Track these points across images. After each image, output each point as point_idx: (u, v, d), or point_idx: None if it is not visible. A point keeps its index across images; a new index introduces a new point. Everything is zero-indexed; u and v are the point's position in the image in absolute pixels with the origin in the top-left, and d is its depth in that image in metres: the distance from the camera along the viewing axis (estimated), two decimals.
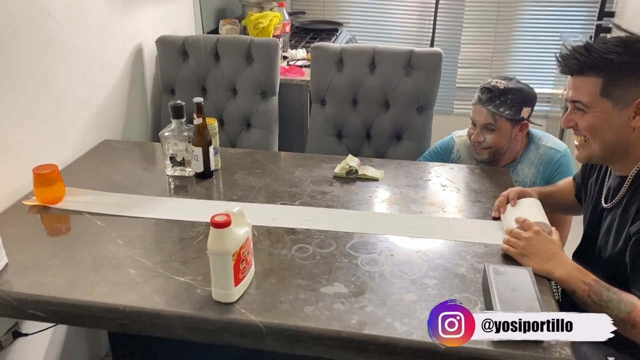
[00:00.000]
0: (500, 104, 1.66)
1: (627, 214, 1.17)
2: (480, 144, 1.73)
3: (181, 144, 1.62)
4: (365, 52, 2.16)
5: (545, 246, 1.19)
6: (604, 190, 1.29)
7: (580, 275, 1.12)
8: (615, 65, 1.11)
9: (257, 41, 2.24)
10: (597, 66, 1.13)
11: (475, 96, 1.73)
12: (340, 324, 1.04)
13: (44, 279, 1.17)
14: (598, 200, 1.31)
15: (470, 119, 1.76)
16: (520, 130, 1.72)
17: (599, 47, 1.13)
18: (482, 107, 1.69)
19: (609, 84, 1.12)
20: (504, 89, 1.67)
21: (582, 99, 1.16)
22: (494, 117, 1.68)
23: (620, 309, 1.07)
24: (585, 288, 1.10)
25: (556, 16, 3.45)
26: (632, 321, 1.05)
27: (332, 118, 2.20)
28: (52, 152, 1.68)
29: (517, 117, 1.68)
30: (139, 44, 2.18)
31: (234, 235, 1.05)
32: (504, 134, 1.70)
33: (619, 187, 1.22)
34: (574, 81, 1.18)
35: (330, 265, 1.22)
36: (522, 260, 1.20)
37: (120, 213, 1.44)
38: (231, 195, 1.55)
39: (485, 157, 1.76)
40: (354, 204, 1.52)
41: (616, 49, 1.11)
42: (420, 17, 3.59)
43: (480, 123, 1.71)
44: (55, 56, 1.67)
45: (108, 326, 1.13)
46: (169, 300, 1.11)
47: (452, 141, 1.91)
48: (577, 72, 1.17)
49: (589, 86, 1.14)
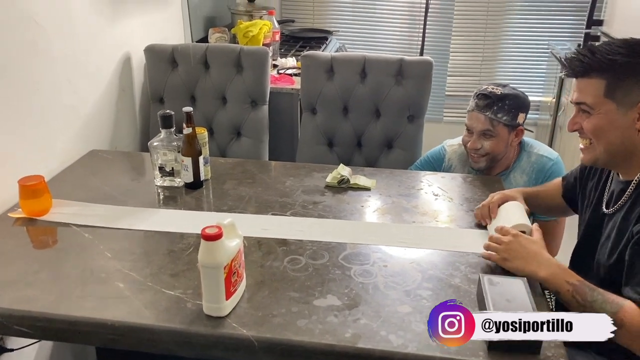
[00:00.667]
0: (498, 109, 1.67)
1: (629, 218, 1.17)
2: (477, 151, 1.72)
3: (170, 154, 1.60)
4: (355, 61, 2.15)
5: (526, 247, 1.19)
6: (605, 195, 1.28)
7: (565, 275, 1.12)
8: (618, 66, 1.11)
9: (247, 50, 2.22)
10: (601, 67, 1.13)
11: (471, 103, 1.73)
12: (334, 337, 1.02)
13: (29, 294, 1.14)
14: (598, 206, 1.30)
15: (465, 127, 1.76)
16: (516, 137, 1.73)
17: (602, 48, 1.14)
18: (480, 113, 1.69)
19: (613, 85, 1.12)
20: (501, 94, 1.67)
21: (587, 100, 1.16)
22: (492, 124, 1.68)
23: (605, 310, 1.05)
24: (570, 288, 1.10)
25: (544, 24, 3.48)
26: (619, 322, 1.03)
27: (323, 127, 2.19)
28: (39, 162, 1.65)
29: (513, 123, 1.69)
30: (127, 53, 2.15)
31: (225, 247, 1.03)
32: (502, 140, 1.70)
33: (622, 192, 1.21)
34: (578, 83, 1.18)
35: (323, 277, 1.21)
36: (505, 265, 1.20)
37: (109, 225, 1.41)
38: (221, 205, 1.53)
39: (482, 165, 1.75)
40: (346, 213, 1.50)
41: (619, 50, 1.12)
42: (409, 26, 3.61)
43: (477, 130, 1.71)
44: (42, 64, 1.65)
45: (96, 342, 1.11)
46: (158, 314, 1.08)
47: (443, 150, 1.91)
48: (581, 74, 1.17)
49: (593, 87, 1.15)
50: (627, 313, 1.05)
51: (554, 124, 3.12)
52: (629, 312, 1.05)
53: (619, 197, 1.21)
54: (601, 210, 1.28)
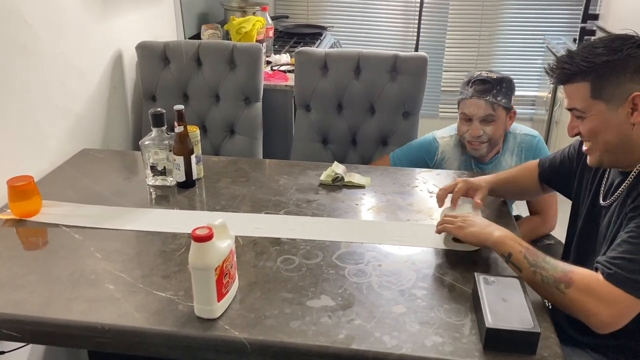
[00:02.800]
0: (497, 92, 1.69)
1: (624, 208, 1.16)
2: (479, 138, 1.72)
3: (162, 153, 1.58)
4: (350, 57, 2.13)
5: (480, 219, 1.24)
6: (602, 187, 1.27)
7: (517, 239, 1.15)
8: (599, 67, 1.11)
9: (240, 46, 2.20)
10: (582, 71, 1.13)
11: (467, 90, 1.73)
12: (328, 339, 1.01)
13: (18, 297, 1.12)
14: (595, 198, 1.29)
15: (460, 117, 1.76)
16: (510, 119, 1.75)
17: (581, 52, 1.14)
18: (479, 99, 1.69)
19: (597, 86, 1.12)
20: (498, 78, 1.70)
21: (577, 105, 1.16)
22: (493, 107, 1.69)
23: (556, 269, 1.07)
24: (522, 250, 1.12)
25: (540, 19, 3.47)
26: (567, 280, 1.05)
27: (317, 124, 2.17)
28: (28, 162, 1.63)
29: (510, 105, 1.72)
30: (118, 50, 2.13)
31: (216, 248, 1.02)
32: (501, 124, 1.72)
33: (620, 184, 1.20)
34: (566, 90, 1.19)
35: (317, 277, 1.19)
36: (460, 233, 1.22)
37: (99, 225, 1.39)
38: (214, 204, 1.51)
39: (484, 152, 1.76)
40: (340, 212, 1.49)
41: (597, 51, 1.12)
42: (404, 21, 3.59)
43: (478, 116, 1.70)
44: (31, 63, 1.62)
45: (86, 345, 1.09)
46: (149, 317, 1.07)
47: (435, 142, 1.89)
48: (565, 80, 1.17)
49: (579, 92, 1.14)
50: (577, 273, 1.06)
51: (550, 119, 3.11)
52: (579, 272, 1.06)
53: (616, 189, 1.21)
54: (598, 202, 1.27)
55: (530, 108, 3.64)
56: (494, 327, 0.97)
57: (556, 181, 1.46)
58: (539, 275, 1.08)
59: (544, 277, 1.07)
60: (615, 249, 1.08)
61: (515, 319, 0.99)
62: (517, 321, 0.98)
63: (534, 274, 1.08)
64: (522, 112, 3.62)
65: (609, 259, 1.07)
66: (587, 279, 1.05)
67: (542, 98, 3.38)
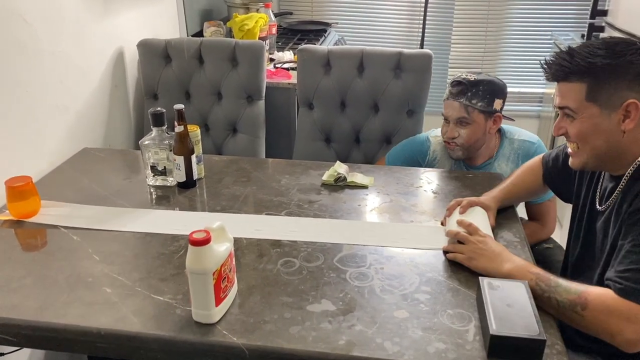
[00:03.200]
0: (472, 95, 1.64)
1: (620, 213, 1.14)
2: (454, 140, 1.69)
3: (162, 153, 1.56)
4: (353, 54, 2.10)
5: (492, 247, 1.20)
6: (598, 191, 1.25)
7: (527, 267, 1.13)
8: (599, 69, 1.08)
9: (242, 44, 2.17)
10: (581, 71, 1.10)
11: (445, 92, 1.70)
12: (328, 345, 0.98)
13: (14, 301, 1.10)
14: (592, 202, 1.27)
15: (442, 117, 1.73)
16: (494, 124, 1.70)
17: (581, 51, 1.10)
18: (454, 100, 1.66)
19: (594, 88, 1.09)
20: (475, 80, 1.65)
21: (569, 105, 1.13)
22: (467, 110, 1.65)
23: (569, 292, 1.05)
24: (533, 277, 1.09)
25: (548, 15, 3.41)
26: (583, 302, 1.02)
27: (320, 122, 2.15)
28: (27, 162, 1.61)
29: (489, 109, 1.66)
30: (119, 48, 2.11)
31: (214, 252, 0.99)
32: (479, 128, 1.67)
33: (613, 189, 1.18)
34: (560, 87, 1.16)
35: (318, 280, 1.17)
36: (470, 264, 1.19)
37: (98, 227, 1.37)
38: (215, 205, 1.49)
39: (460, 154, 1.72)
40: (343, 213, 1.46)
41: (598, 52, 1.08)
42: (409, 17, 3.55)
43: (453, 118, 1.67)
44: (30, 62, 1.60)
45: (82, 350, 1.07)
46: (146, 321, 1.05)
47: (427, 141, 1.86)
48: (561, 78, 1.14)
49: (574, 92, 1.11)
50: (591, 293, 1.03)
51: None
52: (593, 292, 1.04)
53: (611, 194, 1.18)
54: (595, 207, 1.25)
55: (538, 105, 3.59)
56: (498, 334, 0.94)
57: (558, 183, 1.44)
58: (554, 300, 1.05)
59: (559, 301, 1.04)
60: (623, 262, 1.06)
61: (521, 326, 0.96)
62: (522, 328, 0.95)
63: (549, 300, 1.06)
64: (529, 110, 3.59)
65: (617, 273, 1.05)
66: (602, 297, 1.02)
67: (549, 95, 3.33)
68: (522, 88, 3.58)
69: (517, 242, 1.32)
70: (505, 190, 1.47)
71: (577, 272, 1.30)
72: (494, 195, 1.43)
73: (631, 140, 1.11)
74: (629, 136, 1.10)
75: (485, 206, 1.38)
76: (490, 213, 1.37)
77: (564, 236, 1.42)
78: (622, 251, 1.08)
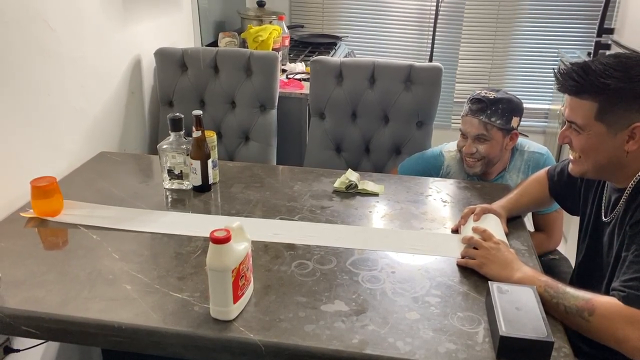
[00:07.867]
0: (492, 113, 1.67)
1: (623, 224, 1.16)
2: (472, 156, 1.73)
3: (179, 157, 1.60)
4: (365, 66, 2.15)
5: (504, 254, 1.22)
6: (603, 202, 1.28)
7: (537, 275, 1.15)
8: (612, 91, 1.09)
9: (257, 54, 2.23)
10: (593, 90, 1.11)
11: (465, 108, 1.74)
12: (342, 343, 1.02)
13: (37, 295, 1.14)
14: (598, 215, 1.29)
15: (460, 132, 1.76)
16: (511, 141, 1.73)
17: (596, 68, 1.11)
18: (473, 117, 1.69)
19: (604, 109, 1.11)
20: (494, 98, 1.68)
21: (577, 121, 1.16)
22: (485, 127, 1.68)
23: (577, 298, 1.07)
24: (542, 284, 1.12)
25: (554, 32, 3.46)
26: (590, 308, 1.05)
27: (331, 132, 2.19)
28: (48, 163, 1.66)
29: (507, 127, 1.69)
30: (137, 55, 2.16)
31: (234, 251, 1.03)
32: (496, 144, 1.70)
33: (617, 200, 1.21)
34: (570, 101, 1.17)
35: (331, 282, 1.20)
36: (481, 270, 1.22)
37: (117, 227, 1.41)
38: (229, 209, 1.53)
39: (477, 170, 1.75)
40: (354, 219, 1.50)
41: (614, 74, 1.09)
42: (418, 32, 3.60)
43: (472, 134, 1.71)
44: (52, 67, 1.65)
45: (102, 344, 1.10)
46: (165, 317, 1.08)
47: (441, 156, 1.89)
48: (573, 92, 1.15)
49: (584, 109, 1.13)
50: (599, 300, 1.06)
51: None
52: (600, 299, 1.06)
53: (615, 205, 1.21)
54: (601, 218, 1.27)
55: (544, 121, 3.63)
56: (507, 336, 0.97)
57: (564, 197, 1.47)
58: (561, 305, 1.08)
59: (567, 307, 1.07)
60: (627, 272, 1.08)
61: (529, 328, 0.99)
62: (531, 330, 0.98)
63: (557, 305, 1.08)
64: (535, 125, 3.62)
65: (621, 282, 1.08)
66: (608, 304, 1.05)
67: (555, 111, 3.37)
68: (528, 104, 3.61)
69: (525, 250, 1.35)
70: (512, 201, 1.50)
71: (585, 284, 1.32)
72: (502, 205, 1.46)
73: (632, 159, 1.14)
74: (631, 155, 1.13)
75: (497, 213, 1.41)
76: (502, 220, 1.40)
77: (568, 250, 1.45)
78: (625, 262, 1.11)
